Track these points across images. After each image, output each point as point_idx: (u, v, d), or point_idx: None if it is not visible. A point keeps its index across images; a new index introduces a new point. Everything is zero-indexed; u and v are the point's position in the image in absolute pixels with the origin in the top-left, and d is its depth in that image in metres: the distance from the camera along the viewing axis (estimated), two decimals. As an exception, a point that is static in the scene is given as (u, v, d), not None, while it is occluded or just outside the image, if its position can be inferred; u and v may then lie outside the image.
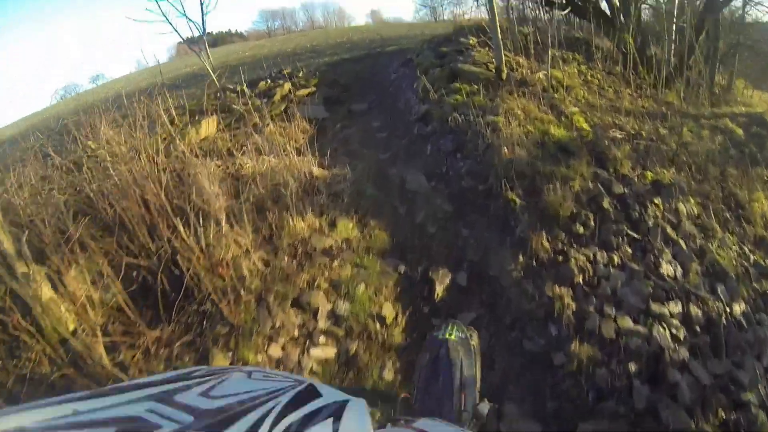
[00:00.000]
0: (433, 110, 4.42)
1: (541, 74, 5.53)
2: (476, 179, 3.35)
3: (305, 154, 3.63)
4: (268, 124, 4.51)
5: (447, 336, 1.24)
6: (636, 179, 3.55)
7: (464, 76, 5.11)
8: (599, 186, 3.33)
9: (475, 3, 9.01)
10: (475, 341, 1.32)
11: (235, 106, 5.19)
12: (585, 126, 4.29)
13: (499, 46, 5.13)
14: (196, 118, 5.15)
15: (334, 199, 3.17)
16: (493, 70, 5.30)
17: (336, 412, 0.47)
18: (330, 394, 0.52)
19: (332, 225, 2.92)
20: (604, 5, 7.39)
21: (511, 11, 8.11)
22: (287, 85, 5.76)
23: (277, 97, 5.49)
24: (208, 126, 4.70)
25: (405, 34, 12.59)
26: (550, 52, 6.60)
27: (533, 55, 6.28)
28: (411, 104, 5.02)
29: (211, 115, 5.08)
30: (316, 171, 3.44)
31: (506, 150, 3.39)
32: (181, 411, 0.40)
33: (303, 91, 5.65)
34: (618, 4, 7.41)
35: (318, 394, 0.50)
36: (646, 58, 6.42)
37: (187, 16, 4.66)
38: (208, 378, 0.49)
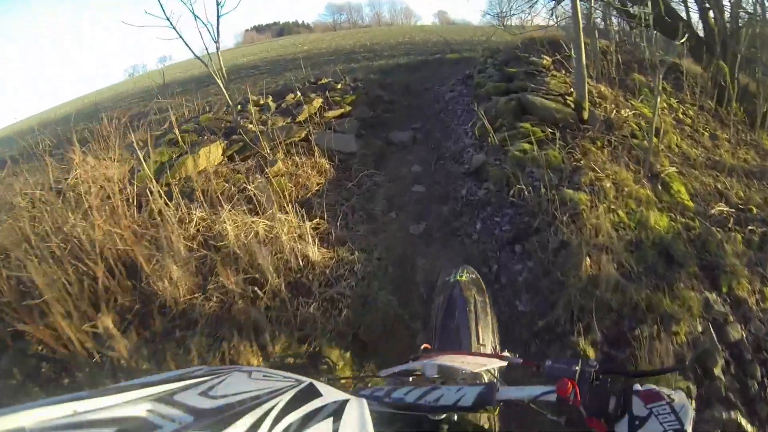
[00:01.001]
0: (490, 165, 3.31)
1: (629, 113, 4.26)
2: (538, 302, 2.26)
3: (307, 220, 2.70)
4: (278, 160, 3.63)
5: (458, 278, 1.33)
6: (754, 306, 2.37)
7: (536, 112, 3.94)
8: (710, 329, 2.17)
9: (549, 17, 7.52)
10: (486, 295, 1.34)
11: (251, 126, 4.36)
12: (686, 199, 3.09)
13: (582, 75, 3.92)
14: (206, 137, 4.39)
15: (327, 309, 2.21)
16: (572, 105, 4.08)
17: (336, 411, 0.47)
18: (330, 394, 0.51)
19: (313, 362, 1.97)
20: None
21: (590, 24, 6.66)
22: (318, 102, 4.84)
23: (303, 116, 4.59)
24: (210, 155, 3.90)
25: (469, 38, 11.33)
26: (636, 79, 5.23)
27: (617, 82, 5.01)
28: (463, 145, 3.93)
29: (221, 137, 4.28)
30: (314, 254, 2.49)
31: (588, 261, 2.26)
32: (181, 411, 0.38)
33: (334, 113, 4.70)
34: (715, 25, 5.88)
35: (318, 394, 0.49)
36: (739, 89, 5.01)
37: (197, 17, 3.80)
38: (208, 378, 0.48)
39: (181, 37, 3.73)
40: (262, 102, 4.99)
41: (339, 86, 5.61)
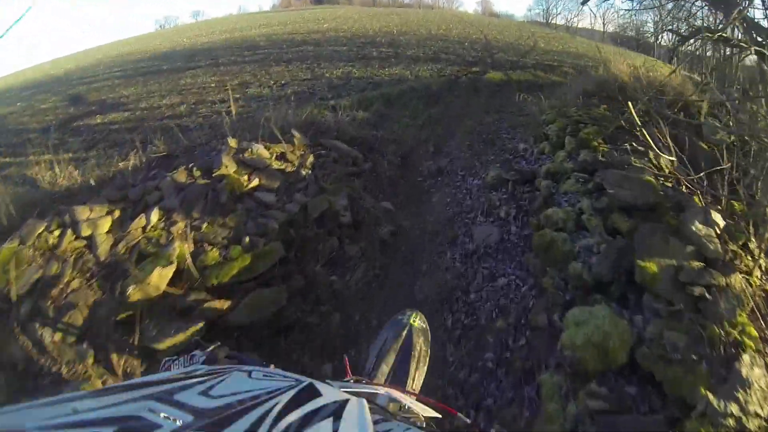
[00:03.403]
0: None
1: None
2: None
3: None
4: None
5: (411, 322, 1.25)
6: None
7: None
8: None
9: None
10: (428, 346, 1.28)
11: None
12: None
13: None
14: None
15: None
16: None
17: (336, 411, 0.44)
18: (330, 394, 0.48)
19: None
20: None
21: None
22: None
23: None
24: None
25: (513, 41, 8.24)
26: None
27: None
28: None
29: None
30: None
31: None
32: (181, 410, 0.36)
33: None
34: None
35: (318, 394, 0.47)
36: None
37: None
38: (208, 377, 0.45)
39: None
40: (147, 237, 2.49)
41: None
